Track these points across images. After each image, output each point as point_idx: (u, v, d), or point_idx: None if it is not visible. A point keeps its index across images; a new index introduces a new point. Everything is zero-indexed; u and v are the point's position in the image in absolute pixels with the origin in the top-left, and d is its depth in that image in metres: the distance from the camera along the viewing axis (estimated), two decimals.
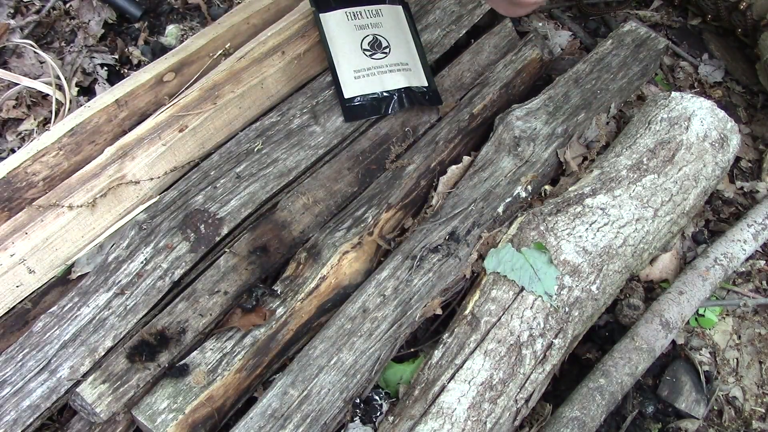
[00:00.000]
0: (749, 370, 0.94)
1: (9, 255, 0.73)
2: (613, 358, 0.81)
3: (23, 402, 0.67)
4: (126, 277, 0.75)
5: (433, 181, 0.92)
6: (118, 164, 0.80)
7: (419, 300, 0.80)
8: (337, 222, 0.85)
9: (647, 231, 0.87)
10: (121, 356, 0.70)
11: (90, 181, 0.79)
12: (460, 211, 0.86)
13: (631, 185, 0.88)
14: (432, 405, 0.72)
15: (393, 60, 0.95)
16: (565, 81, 1.02)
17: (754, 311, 0.98)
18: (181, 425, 0.68)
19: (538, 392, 0.77)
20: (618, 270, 0.85)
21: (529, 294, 0.79)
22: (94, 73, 1.07)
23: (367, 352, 0.76)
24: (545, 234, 0.83)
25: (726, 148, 0.95)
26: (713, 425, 0.89)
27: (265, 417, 0.70)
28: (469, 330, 0.77)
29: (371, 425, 0.76)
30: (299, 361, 0.74)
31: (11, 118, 1.01)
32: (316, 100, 0.92)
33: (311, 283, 0.79)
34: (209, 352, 0.73)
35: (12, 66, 1.04)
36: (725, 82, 1.23)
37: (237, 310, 0.77)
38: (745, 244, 0.95)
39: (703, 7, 1.23)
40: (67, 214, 0.76)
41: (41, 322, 0.71)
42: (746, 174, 1.12)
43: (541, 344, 0.77)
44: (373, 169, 0.91)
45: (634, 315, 0.89)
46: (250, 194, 0.83)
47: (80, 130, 0.82)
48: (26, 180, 0.78)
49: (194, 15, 1.17)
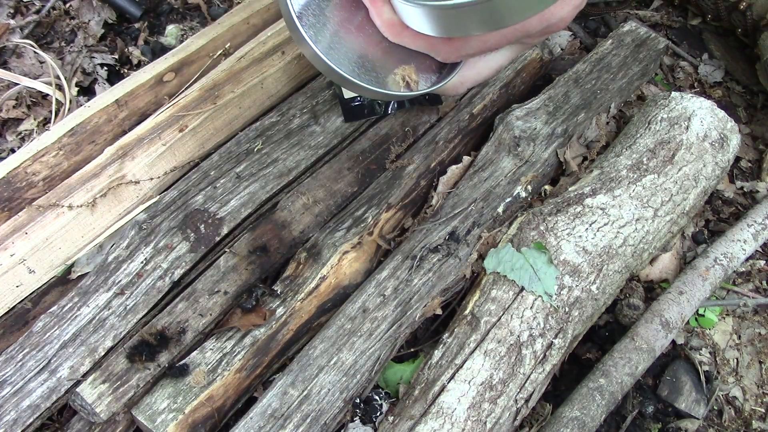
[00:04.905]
0: (749, 370, 0.94)
1: (9, 255, 0.73)
2: (613, 358, 0.81)
3: (23, 402, 0.67)
4: (126, 277, 0.75)
5: (433, 181, 0.92)
6: (118, 164, 0.80)
7: (419, 300, 0.80)
8: (337, 222, 0.85)
9: (647, 231, 0.87)
10: (121, 356, 0.70)
11: (90, 181, 0.79)
12: (460, 211, 0.86)
13: (631, 185, 0.88)
14: (432, 405, 0.72)
15: None
16: (565, 81, 1.02)
17: (754, 311, 0.98)
18: (181, 425, 0.68)
19: (538, 392, 0.77)
20: (618, 270, 0.85)
21: (529, 294, 0.79)
22: (94, 73, 1.07)
23: (367, 352, 0.76)
24: (545, 234, 0.83)
25: (726, 148, 0.95)
26: (713, 425, 0.89)
27: (265, 417, 0.70)
28: (469, 330, 0.77)
29: (371, 425, 0.76)
30: (299, 361, 0.74)
31: (11, 118, 1.01)
32: (316, 100, 0.92)
33: (311, 283, 0.79)
34: (209, 352, 0.73)
35: (12, 66, 1.04)
36: (725, 82, 1.23)
37: (237, 310, 0.77)
38: (745, 244, 0.95)
39: (703, 7, 1.23)
40: (67, 214, 0.76)
41: (41, 322, 0.71)
42: (746, 174, 1.12)
43: (541, 344, 0.77)
44: (373, 169, 0.91)
45: (634, 315, 0.89)
46: (250, 194, 0.83)
47: (80, 130, 0.82)
48: (26, 180, 0.78)
49: (194, 15, 1.17)
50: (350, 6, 0.62)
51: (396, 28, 0.59)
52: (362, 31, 0.62)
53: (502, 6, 0.52)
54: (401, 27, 0.59)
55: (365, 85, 0.61)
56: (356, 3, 0.61)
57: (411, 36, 0.60)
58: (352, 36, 0.62)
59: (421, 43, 0.60)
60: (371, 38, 0.62)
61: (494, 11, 0.52)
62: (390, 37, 0.61)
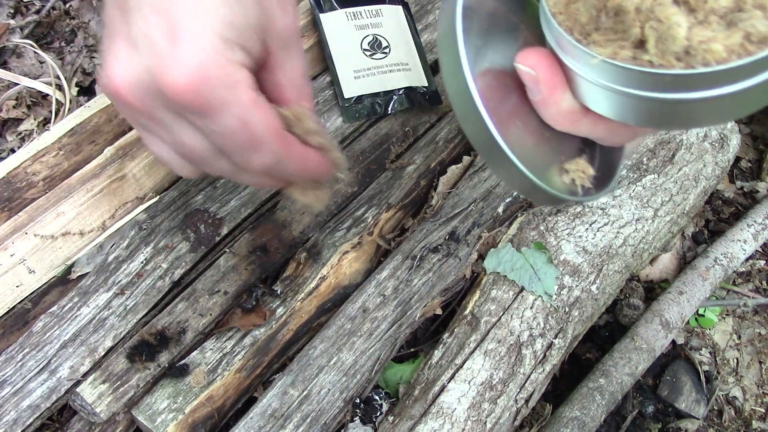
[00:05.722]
0: (749, 370, 0.94)
1: (9, 255, 0.73)
2: (613, 358, 0.81)
3: (23, 402, 0.67)
4: (126, 277, 0.75)
5: (433, 181, 0.92)
6: (118, 164, 0.80)
7: (419, 300, 0.80)
8: (337, 222, 0.85)
9: (647, 231, 0.87)
10: (121, 356, 0.70)
11: (90, 181, 0.79)
12: (460, 211, 0.86)
13: (631, 185, 0.88)
14: (432, 405, 0.72)
15: (393, 60, 0.95)
16: None
17: (754, 311, 0.98)
18: (181, 425, 0.68)
19: (538, 392, 0.77)
20: (618, 270, 0.85)
21: (529, 294, 0.79)
22: (94, 73, 1.07)
23: (367, 352, 0.76)
24: (545, 234, 0.83)
25: (726, 148, 0.95)
26: (713, 425, 0.89)
27: (265, 417, 0.70)
28: (469, 330, 0.77)
29: (371, 425, 0.76)
30: (299, 361, 0.74)
31: (11, 118, 1.01)
32: (316, 100, 0.92)
33: (311, 283, 0.79)
34: (209, 352, 0.73)
35: (12, 66, 1.04)
36: None
37: (237, 310, 0.77)
38: (745, 244, 0.95)
39: None
40: (67, 214, 0.76)
41: (41, 322, 0.71)
42: (746, 174, 1.12)
43: (541, 344, 0.77)
44: (373, 169, 0.91)
45: (634, 315, 0.89)
46: (250, 194, 0.83)
47: (80, 130, 0.82)
48: (26, 180, 0.78)
49: None
50: (496, 94, 0.48)
51: (575, 116, 0.47)
52: (512, 124, 0.49)
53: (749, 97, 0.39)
54: (581, 114, 0.47)
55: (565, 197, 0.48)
56: (503, 89, 0.49)
57: (590, 123, 0.47)
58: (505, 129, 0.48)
59: (600, 129, 0.48)
60: (524, 129, 0.49)
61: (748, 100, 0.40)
62: (560, 126, 0.48)
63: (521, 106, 0.49)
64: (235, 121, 0.49)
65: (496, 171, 0.48)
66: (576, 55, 0.42)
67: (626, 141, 0.51)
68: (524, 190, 0.48)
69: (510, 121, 0.48)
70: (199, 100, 0.47)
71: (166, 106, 0.49)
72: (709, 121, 0.43)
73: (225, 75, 0.47)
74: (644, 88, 0.39)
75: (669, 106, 0.40)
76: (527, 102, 0.48)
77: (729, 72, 0.36)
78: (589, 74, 0.42)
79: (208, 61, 0.46)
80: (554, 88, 0.45)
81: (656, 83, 0.38)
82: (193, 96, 0.47)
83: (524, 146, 0.48)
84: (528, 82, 0.46)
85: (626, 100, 0.41)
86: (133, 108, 0.50)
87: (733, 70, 0.36)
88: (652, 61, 0.38)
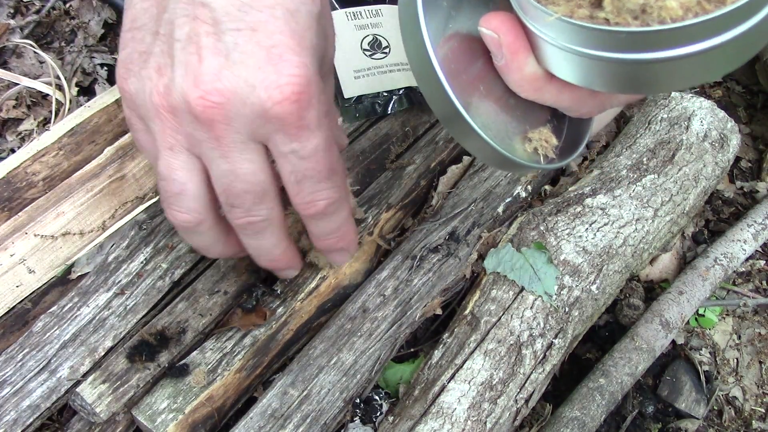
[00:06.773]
0: (749, 370, 0.94)
1: (9, 255, 0.73)
2: (613, 358, 0.81)
3: (23, 402, 0.67)
4: (126, 277, 0.75)
5: (433, 181, 0.92)
6: (118, 164, 0.80)
7: (419, 300, 0.80)
8: None
9: (647, 231, 0.87)
10: (121, 356, 0.70)
11: (90, 181, 0.79)
12: (460, 211, 0.86)
13: (631, 185, 0.88)
14: (432, 405, 0.72)
15: (393, 60, 0.95)
16: None
17: (754, 311, 0.98)
18: (181, 425, 0.68)
19: (538, 392, 0.77)
20: (618, 270, 0.85)
21: (529, 294, 0.79)
22: (94, 73, 1.07)
23: (367, 352, 0.76)
24: (545, 234, 0.83)
25: (726, 148, 0.95)
26: (713, 425, 0.89)
27: (265, 417, 0.70)
28: (469, 330, 0.77)
29: (371, 425, 0.76)
30: (299, 361, 0.74)
31: (11, 118, 1.01)
32: None
33: (311, 283, 0.79)
34: (209, 352, 0.73)
35: (12, 66, 1.04)
36: (725, 82, 1.23)
37: (237, 310, 0.77)
38: (745, 244, 0.95)
39: None
40: (67, 214, 0.76)
41: (41, 322, 0.71)
42: (746, 174, 1.12)
43: (541, 344, 0.77)
44: (373, 169, 0.91)
45: (634, 315, 0.89)
46: None
47: (80, 130, 0.82)
48: (26, 180, 0.78)
49: None
50: (460, 59, 0.48)
51: (539, 82, 0.46)
52: (476, 89, 0.48)
53: (720, 57, 0.38)
54: (545, 81, 0.46)
55: (527, 164, 0.48)
56: (468, 54, 0.48)
57: (555, 91, 0.47)
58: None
59: (565, 97, 0.48)
60: (488, 96, 0.49)
61: (709, 63, 0.38)
62: (524, 93, 0.48)
63: (487, 72, 0.48)
64: (323, 143, 0.51)
65: (453, 132, 0.48)
66: (535, 16, 0.41)
67: (594, 112, 0.50)
68: (483, 155, 0.48)
69: (472, 85, 0.48)
70: (299, 113, 0.48)
71: (252, 122, 0.49)
72: (672, 85, 0.42)
73: (322, 97, 0.49)
74: (602, 48, 0.39)
75: (629, 67, 0.39)
76: (494, 69, 0.48)
77: (685, 30, 0.35)
78: (549, 35, 0.41)
79: (312, 78, 0.48)
80: (516, 52, 0.45)
81: (613, 42, 0.38)
82: (294, 107, 0.47)
83: (487, 112, 0.48)
84: (491, 46, 0.46)
85: (586, 63, 0.41)
86: (211, 122, 0.48)
87: (689, 28, 0.35)
88: (608, 20, 0.37)
